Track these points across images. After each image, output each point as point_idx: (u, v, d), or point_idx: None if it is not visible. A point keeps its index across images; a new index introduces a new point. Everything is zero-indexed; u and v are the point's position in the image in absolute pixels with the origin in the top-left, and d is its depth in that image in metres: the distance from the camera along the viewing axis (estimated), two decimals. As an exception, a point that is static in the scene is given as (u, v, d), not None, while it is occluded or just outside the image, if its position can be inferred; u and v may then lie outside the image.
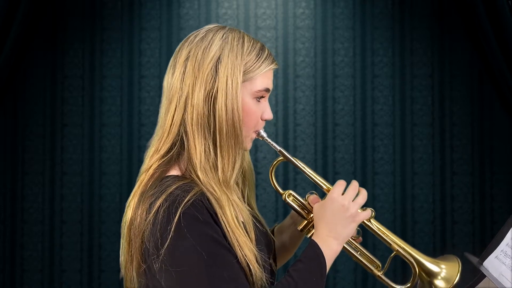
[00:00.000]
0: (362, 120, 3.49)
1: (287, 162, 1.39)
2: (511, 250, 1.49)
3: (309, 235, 1.37)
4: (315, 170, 3.46)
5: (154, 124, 1.31)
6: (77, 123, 3.49)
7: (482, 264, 1.51)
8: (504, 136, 3.47)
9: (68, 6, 3.52)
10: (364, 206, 1.33)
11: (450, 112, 3.51)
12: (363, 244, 1.39)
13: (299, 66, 3.50)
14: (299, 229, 1.39)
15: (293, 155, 3.65)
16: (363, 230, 1.39)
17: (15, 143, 3.49)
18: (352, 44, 3.51)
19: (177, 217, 1.15)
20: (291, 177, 3.46)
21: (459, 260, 1.32)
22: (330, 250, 1.26)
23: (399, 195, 3.48)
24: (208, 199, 1.20)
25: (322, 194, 1.37)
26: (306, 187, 3.42)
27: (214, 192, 1.22)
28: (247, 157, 1.41)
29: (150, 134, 1.32)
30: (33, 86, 3.50)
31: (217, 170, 1.24)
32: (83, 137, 3.49)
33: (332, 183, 1.34)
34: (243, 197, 1.40)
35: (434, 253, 3.45)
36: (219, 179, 1.24)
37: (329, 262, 1.26)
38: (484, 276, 1.47)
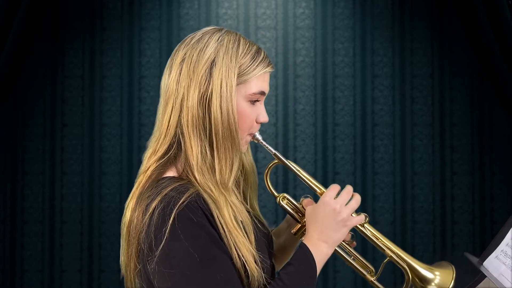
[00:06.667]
0: (362, 120, 3.49)
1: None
2: (511, 250, 1.49)
3: (303, 238, 1.37)
4: (315, 170, 3.46)
5: (154, 124, 1.32)
6: (77, 123, 3.50)
7: (482, 264, 1.51)
8: (504, 136, 3.47)
9: (68, 6, 3.52)
10: (360, 211, 1.33)
11: (450, 112, 3.51)
12: (361, 247, 1.40)
13: (299, 66, 3.50)
14: (293, 232, 1.40)
15: (293, 155, 3.64)
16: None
17: (15, 143, 3.49)
18: (352, 44, 3.51)
19: (171, 218, 1.16)
20: (290, 178, 3.46)
21: (453, 267, 1.32)
22: (320, 253, 1.27)
23: (399, 195, 3.48)
24: (204, 200, 1.20)
25: (317, 198, 1.37)
26: (306, 188, 3.42)
27: (211, 193, 1.22)
28: (249, 158, 1.41)
29: (150, 134, 1.32)
30: (33, 86, 3.50)
31: (215, 171, 1.24)
32: (83, 137, 3.49)
33: (332, 183, 1.34)
34: (245, 199, 1.40)
35: (434, 254, 3.45)
36: (216, 181, 1.24)
37: (319, 265, 1.26)
38: (484, 276, 1.47)
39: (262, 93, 1.30)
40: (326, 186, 1.34)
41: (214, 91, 1.24)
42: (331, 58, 3.51)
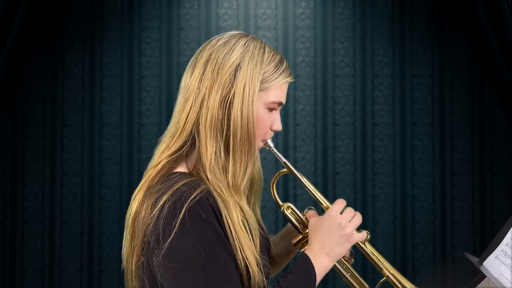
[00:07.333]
0: (362, 120, 3.49)
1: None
2: (511, 250, 1.49)
3: (302, 250, 1.38)
4: (315, 170, 3.46)
5: (154, 124, 1.32)
6: (77, 123, 3.50)
7: (482, 264, 1.51)
8: (504, 136, 3.47)
9: (68, 6, 3.52)
10: (360, 212, 1.34)
11: (450, 112, 3.51)
12: (360, 264, 1.40)
13: (299, 66, 3.50)
14: (293, 243, 1.41)
15: (293, 155, 3.63)
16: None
17: (15, 143, 3.49)
18: (352, 44, 3.51)
19: (182, 213, 1.16)
20: (290, 177, 3.46)
21: None
22: (321, 265, 1.28)
23: (399, 195, 3.48)
24: (214, 199, 1.21)
25: (322, 211, 1.37)
26: (305, 188, 3.41)
27: (221, 193, 1.23)
28: (258, 164, 1.43)
29: (150, 134, 1.33)
30: (33, 86, 3.50)
31: (227, 173, 1.26)
32: (83, 137, 3.49)
33: (333, 184, 1.35)
34: (248, 204, 1.41)
35: (434, 254, 3.46)
36: (228, 183, 1.25)
37: (319, 277, 1.27)
38: (484, 276, 1.47)
39: (280, 103, 1.32)
40: (326, 187, 1.35)
41: (237, 94, 1.26)
42: (331, 58, 3.51)
